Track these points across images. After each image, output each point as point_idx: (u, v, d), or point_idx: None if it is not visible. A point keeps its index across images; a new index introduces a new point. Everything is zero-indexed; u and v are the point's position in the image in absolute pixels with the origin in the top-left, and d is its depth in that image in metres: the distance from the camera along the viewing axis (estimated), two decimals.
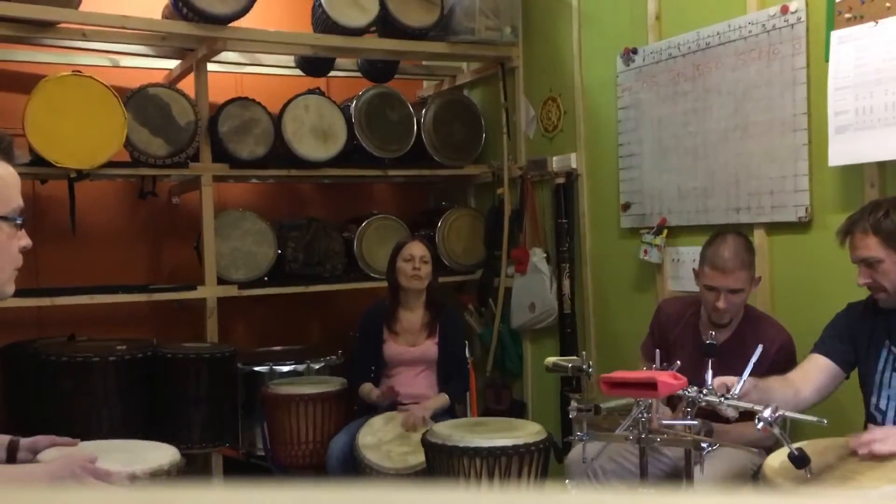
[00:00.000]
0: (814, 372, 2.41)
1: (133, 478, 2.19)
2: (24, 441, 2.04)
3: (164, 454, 2.40)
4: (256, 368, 4.01)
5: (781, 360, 2.60)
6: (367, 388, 3.53)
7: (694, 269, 2.85)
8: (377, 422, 3.35)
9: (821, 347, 2.47)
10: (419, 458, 3.05)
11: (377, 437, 3.28)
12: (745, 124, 3.26)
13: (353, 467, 3.26)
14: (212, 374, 3.68)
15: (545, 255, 4.27)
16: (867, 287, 2.35)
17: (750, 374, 2.12)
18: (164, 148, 3.84)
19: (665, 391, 1.96)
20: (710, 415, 2.26)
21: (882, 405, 2.36)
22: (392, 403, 3.46)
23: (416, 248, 3.58)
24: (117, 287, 3.98)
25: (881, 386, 2.36)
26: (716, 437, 2.41)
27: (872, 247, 2.28)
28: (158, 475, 2.26)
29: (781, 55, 3.11)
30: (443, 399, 3.52)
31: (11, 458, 1.99)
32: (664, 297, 3.63)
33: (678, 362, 2.18)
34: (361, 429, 3.30)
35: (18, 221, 1.65)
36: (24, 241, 1.67)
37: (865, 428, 2.44)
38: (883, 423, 2.35)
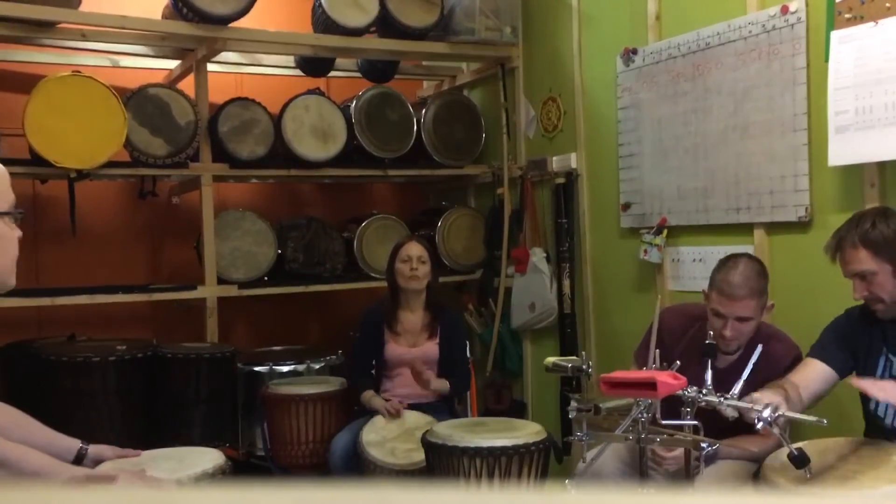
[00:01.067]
0: (812, 378, 2.39)
1: (179, 483, 2.30)
2: (92, 449, 2.05)
3: (208, 459, 2.53)
4: (256, 368, 4.00)
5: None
6: (369, 396, 3.49)
7: (703, 291, 2.70)
8: (381, 420, 3.35)
9: (820, 352, 2.45)
10: (423, 454, 3.05)
11: (381, 434, 3.28)
12: (745, 124, 3.26)
13: (357, 465, 3.26)
14: (212, 374, 3.68)
15: (545, 254, 4.27)
16: (864, 300, 2.33)
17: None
18: (164, 148, 3.84)
19: (664, 391, 1.96)
20: (709, 415, 2.25)
21: (880, 412, 2.35)
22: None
23: (414, 249, 3.57)
24: (117, 287, 3.98)
25: None
26: (722, 454, 2.38)
27: (864, 260, 2.26)
28: (203, 479, 2.37)
29: (781, 55, 3.11)
30: (444, 383, 3.52)
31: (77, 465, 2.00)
32: (664, 299, 3.63)
33: (678, 362, 2.18)
34: (365, 426, 3.30)
35: (19, 215, 1.69)
36: (17, 231, 1.72)
37: (866, 432, 2.43)
38: (882, 429, 2.35)
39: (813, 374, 2.40)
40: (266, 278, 4.26)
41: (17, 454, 1.73)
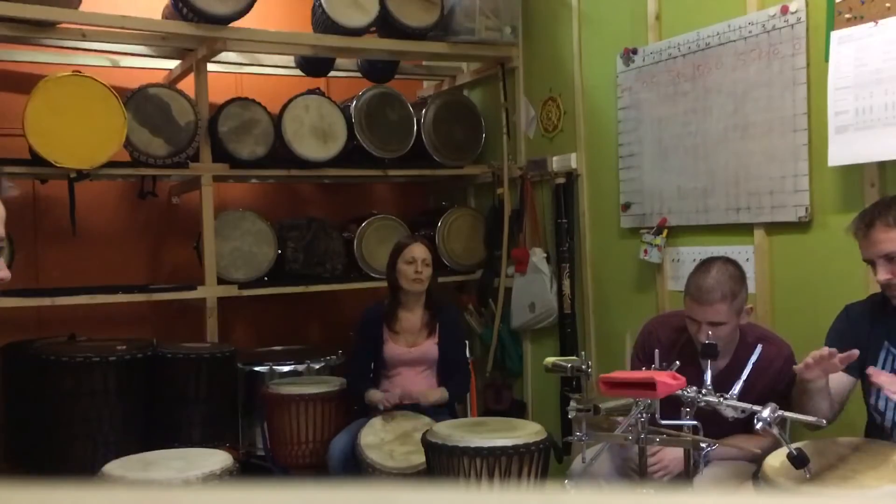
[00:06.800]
0: (834, 384, 2.35)
1: (187, 482, 2.35)
2: None
3: (216, 460, 2.57)
4: (256, 368, 4.01)
5: (785, 376, 2.57)
6: (370, 394, 3.48)
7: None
8: (378, 421, 3.35)
9: None
10: (422, 457, 3.05)
11: (379, 436, 3.28)
12: (745, 124, 3.26)
13: (355, 467, 3.26)
14: (212, 374, 3.68)
15: (545, 255, 4.27)
16: (886, 284, 2.25)
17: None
18: (164, 148, 3.84)
19: (664, 391, 1.96)
20: (710, 416, 2.25)
21: (881, 406, 2.35)
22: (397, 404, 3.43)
23: (419, 251, 3.56)
24: (117, 287, 3.98)
25: (880, 387, 2.35)
26: (718, 453, 2.37)
27: None
28: (210, 479, 2.39)
29: (781, 55, 3.11)
30: (441, 393, 3.51)
31: None
32: (664, 299, 3.63)
33: (677, 362, 2.18)
34: (363, 429, 3.30)
35: None
36: (2, 272, 1.62)
37: (866, 426, 2.43)
38: (882, 424, 2.35)
39: (835, 382, 2.36)
40: (266, 278, 4.26)
41: None
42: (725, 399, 2.08)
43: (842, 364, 2.16)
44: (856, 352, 2.17)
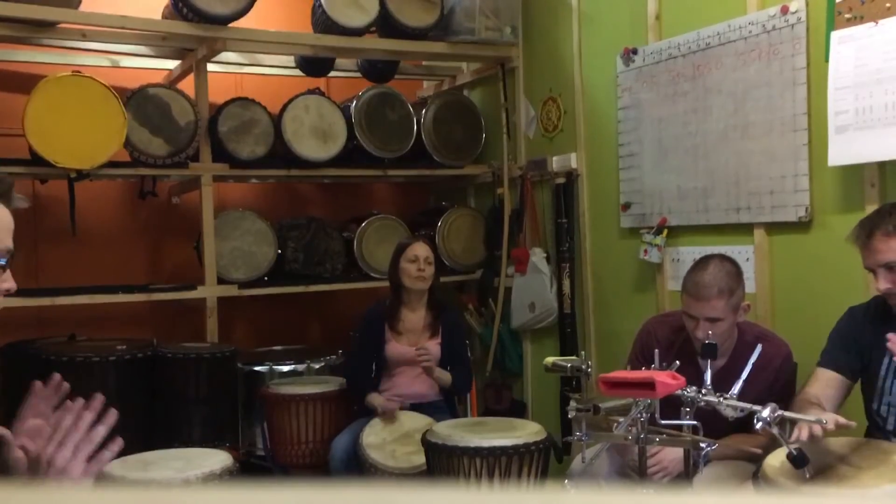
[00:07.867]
0: (828, 388, 2.37)
1: (187, 482, 2.36)
2: None
3: (216, 460, 2.58)
4: (256, 368, 4.01)
5: (784, 375, 2.57)
6: (370, 396, 3.49)
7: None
8: (380, 422, 3.35)
9: (828, 361, 2.43)
10: (423, 457, 3.05)
11: (381, 436, 3.28)
12: (745, 124, 3.26)
13: (357, 467, 3.26)
14: (212, 374, 3.68)
15: (545, 254, 4.27)
16: (887, 293, 2.25)
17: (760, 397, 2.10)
18: (164, 148, 3.85)
19: (663, 391, 1.96)
20: (709, 416, 2.25)
21: (882, 412, 2.35)
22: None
23: (421, 249, 3.57)
24: (117, 287, 3.98)
25: (882, 392, 2.35)
26: (718, 453, 2.36)
27: None
28: (210, 479, 2.39)
29: (781, 55, 3.11)
30: (446, 374, 3.52)
31: None
32: (664, 299, 3.63)
33: (677, 362, 2.18)
34: (365, 429, 3.30)
35: (2, 263, 1.61)
36: (8, 283, 1.63)
37: (867, 431, 2.43)
38: (883, 429, 2.35)
39: (827, 385, 2.37)
40: (266, 278, 4.26)
41: None
42: (725, 399, 2.08)
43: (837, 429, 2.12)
44: (853, 424, 2.15)
